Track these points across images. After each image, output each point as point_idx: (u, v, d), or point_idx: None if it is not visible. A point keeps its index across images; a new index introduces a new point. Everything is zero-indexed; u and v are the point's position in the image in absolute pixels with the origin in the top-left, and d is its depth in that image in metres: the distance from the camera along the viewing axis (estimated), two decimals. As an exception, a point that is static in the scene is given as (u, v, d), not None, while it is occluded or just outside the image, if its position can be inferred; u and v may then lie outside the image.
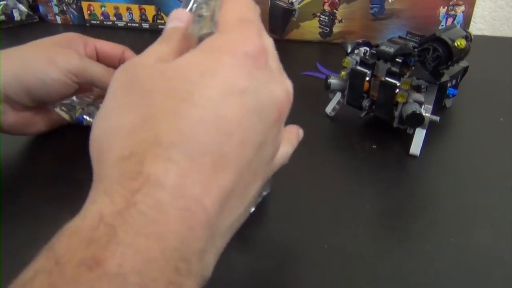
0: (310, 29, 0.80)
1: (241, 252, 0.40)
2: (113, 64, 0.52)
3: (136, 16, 0.86)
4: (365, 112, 0.55)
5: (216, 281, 0.37)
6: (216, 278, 0.38)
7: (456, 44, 0.46)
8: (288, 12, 0.78)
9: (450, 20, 0.74)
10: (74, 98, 0.54)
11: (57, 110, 0.53)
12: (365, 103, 0.54)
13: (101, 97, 0.55)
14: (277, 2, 0.78)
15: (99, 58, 0.52)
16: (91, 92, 0.54)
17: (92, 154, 0.24)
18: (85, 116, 0.53)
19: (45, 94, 0.46)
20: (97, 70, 0.47)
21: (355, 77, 0.54)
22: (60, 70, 0.45)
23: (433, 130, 0.52)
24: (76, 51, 0.48)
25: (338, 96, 0.58)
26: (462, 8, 0.73)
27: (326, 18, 0.78)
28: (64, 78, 0.46)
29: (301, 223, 0.42)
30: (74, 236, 0.19)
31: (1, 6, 0.87)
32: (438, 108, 0.55)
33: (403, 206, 0.45)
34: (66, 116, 0.53)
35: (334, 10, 0.77)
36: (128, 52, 0.53)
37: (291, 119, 0.57)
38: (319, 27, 0.79)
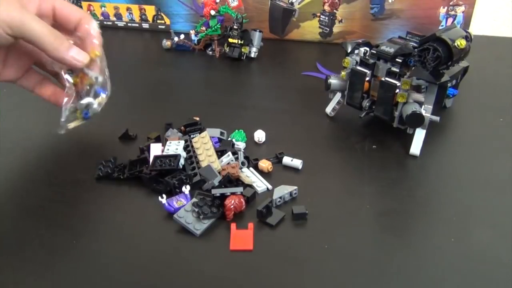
0: (310, 29, 0.80)
1: (241, 251, 0.40)
2: (67, 27, 0.48)
3: (136, 16, 0.86)
4: (365, 112, 0.55)
5: (218, 279, 0.38)
6: (217, 276, 0.38)
7: (456, 44, 0.46)
8: (288, 12, 0.78)
9: (450, 20, 0.74)
10: (67, 104, 0.50)
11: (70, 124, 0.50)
12: (365, 103, 0.54)
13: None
14: (277, 2, 0.78)
15: (55, 18, 0.48)
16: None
17: None
18: (86, 111, 0.49)
19: None
20: (37, 28, 0.43)
21: (355, 77, 0.54)
22: None
23: (433, 130, 0.52)
24: (24, 4, 0.44)
25: (338, 96, 0.58)
26: (462, 8, 0.73)
27: (326, 18, 0.78)
28: None
29: (301, 223, 0.42)
30: None
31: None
32: (438, 108, 0.55)
33: (403, 206, 0.45)
34: (78, 120, 0.50)
35: (334, 10, 0.77)
36: (86, 20, 0.48)
37: (292, 119, 0.57)
38: (319, 27, 0.79)
